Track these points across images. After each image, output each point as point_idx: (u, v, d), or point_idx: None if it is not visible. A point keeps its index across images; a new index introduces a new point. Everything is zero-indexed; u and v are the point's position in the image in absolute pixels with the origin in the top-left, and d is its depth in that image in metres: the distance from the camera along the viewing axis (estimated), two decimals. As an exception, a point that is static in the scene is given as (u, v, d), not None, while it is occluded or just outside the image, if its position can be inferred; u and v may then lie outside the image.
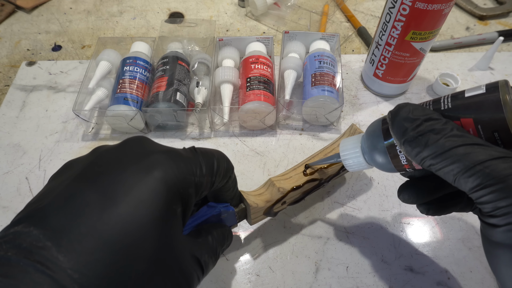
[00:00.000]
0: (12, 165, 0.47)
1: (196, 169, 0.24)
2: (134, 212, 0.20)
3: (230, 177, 0.29)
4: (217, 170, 0.26)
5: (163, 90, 0.47)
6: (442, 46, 0.61)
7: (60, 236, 0.18)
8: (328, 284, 0.37)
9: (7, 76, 0.58)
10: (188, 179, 0.23)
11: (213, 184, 0.27)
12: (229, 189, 0.31)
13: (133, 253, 0.19)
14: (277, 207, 0.37)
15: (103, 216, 0.19)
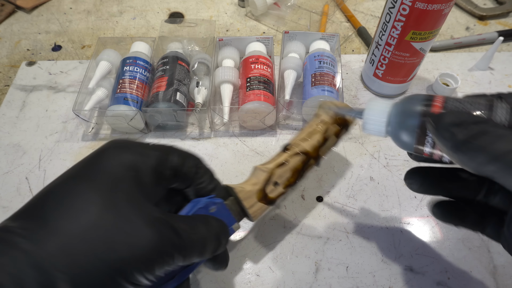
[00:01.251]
0: (12, 165, 0.47)
1: (145, 145, 0.27)
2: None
3: (198, 167, 0.29)
4: (175, 151, 0.28)
5: (163, 90, 0.47)
6: (442, 46, 0.61)
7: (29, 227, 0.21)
8: (328, 284, 0.37)
9: (7, 76, 0.58)
10: (135, 150, 0.26)
11: (171, 163, 0.27)
12: (204, 180, 0.30)
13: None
14: (271, 190, 0.34)
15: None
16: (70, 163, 0.47)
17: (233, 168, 0.46)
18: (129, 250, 0.21)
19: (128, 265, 0.21)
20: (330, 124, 0.37)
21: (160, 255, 0.22)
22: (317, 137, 0.36)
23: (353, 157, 0.47)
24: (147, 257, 0.22)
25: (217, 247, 0.28)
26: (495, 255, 0.39)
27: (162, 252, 0.22)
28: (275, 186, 0.34)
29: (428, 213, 0.42)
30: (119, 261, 0.21)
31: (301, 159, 0.35)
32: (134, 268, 0.21)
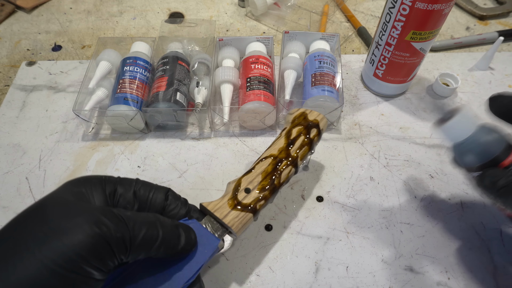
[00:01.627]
0: (12, 165, 0.47)
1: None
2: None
3: (166, 193, 0.31)
4: (137, 182, 0.30)
5: (163, 90, 0.47)
6: (442, 46, 0.61)
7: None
8: (328, 284, 0.37)
9: (7, 76, 0.58)
10: (90, 176, 0.28)
11: (133, 188, 0.29)
12: (174, 206, 0.31)
13: None
14: (244, 197, 0.34)
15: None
16: (70, 163, 0.47)
17: (233, 168, 0.46)
18: (61, 239, 0.21)
19: (65, 255, 0.21)
20: (291, 126, 0.39)
21: (101, 240, 0.22)
22: (282, 140, 0.38)
23: (353, 157, 0.47)
24: (85, 245, 0.22)
25: (171, 237, 0.27)
26: (495, 255, 0.39)
27: (102, 236, 0.22)
28: (247, 192, 0.34)
29: (428, 213, 0.42)
30: (51, 251, 0.21)
31: (268, 162, 0.36)
32: (75, 258, 0.21)
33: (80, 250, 0.21)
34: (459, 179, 0.45)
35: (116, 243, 0.23)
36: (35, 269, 0.20)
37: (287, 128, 0.39)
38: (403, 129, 0.50)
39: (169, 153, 0.48)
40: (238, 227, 0.32)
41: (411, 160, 0.47)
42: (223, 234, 0.32)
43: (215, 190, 0.44)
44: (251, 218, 0.33)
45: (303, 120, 0.39)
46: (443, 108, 0.33)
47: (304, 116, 0.39)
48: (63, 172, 0.46)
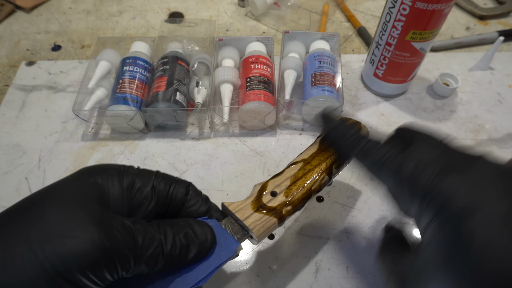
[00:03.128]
0: (11, 165, 0.47)
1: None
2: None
3: (187, 188, 0.29)
4: (157, 175, 0.28)
5: (163, 90, 0.47)
6: (442, 46, 0.61)
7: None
8: (328, 284, 0.37)
9: (7, 76, 0.58)
10: (107, 164, 0.27)
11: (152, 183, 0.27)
12: (194, 203, 0.29)
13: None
14: (269, 200, 0.31)
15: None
16: (69, 163, 0.47)
17: (233, 168, 0.46)
18: (67, 246, 0.20)
19: (65, 262, 0.20)
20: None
21: (106, 255, 0.21)
22: (316, 146, 0.35)
23: (353, 157, 0.47)
24: (89, 255, 0.20)
25: (182, 248, 0.25)
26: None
27: (109, 252, 0.21)
28: (273, 196, 0.32)
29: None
30: (55, 256, 0.20)
31: (298, 167, 0.34)
32: (74, 267, 0.20)
33: (84, 261, 0.20)
34: (459, 179, 0.45)
35: (121, 260, 0.22)
36: (33, 271, 0.19)
37: (323, 135, 0.37)
38: (403, 129, 0.50)
39: (168, 153, 0.48)
40: (260, 231, 0.30)
41: (411, 160, 0.47)
42: (243, 238, 0.30)
43: (215, 190, 0.44)
44: (275, 223, 0.31)
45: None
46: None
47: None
48: (63, 172, 0.46)
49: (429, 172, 0.23)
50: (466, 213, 0.20)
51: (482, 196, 0.21)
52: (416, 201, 0.23)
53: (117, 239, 0.21)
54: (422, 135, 0.27)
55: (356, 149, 0.28)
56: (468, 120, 0.51)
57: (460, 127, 0.51)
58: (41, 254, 0.19)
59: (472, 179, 0.22)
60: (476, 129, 0.50)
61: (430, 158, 0.24)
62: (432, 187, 0.22)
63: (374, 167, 0.27)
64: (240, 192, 0.44)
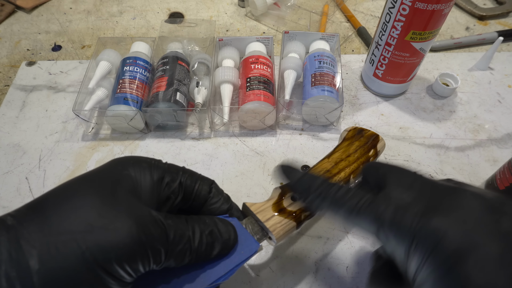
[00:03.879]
0: (12, 165, 0.47)
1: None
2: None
3: (211, 186, 0.30)
4: (183, 170, 0.29)
5: (163, 90, 0.47)
6: (442, 46, 0.61)
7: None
8: (328, 284, 0.37)
9: (7, 76, 0.58)
10: (139, 157, 0.27)
11: (179, 178, 0.28)
12: (217, 200, 0.30)
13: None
14: (289, 204, 0.32)
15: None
16: (70, 163, 0.47)
17: (233, 168, 0.46)
18: (107, 238, 0.21)
19: (105, 253, 0.21)
20: (348, 142, 0.37)
21: (142, 249, 0.22)
22: (336, 155, 0.36)
23: (353, 157, 0.47)
24: (127, 248, 0.21)
25: (211, 246, 0.26)
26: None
27: (145, 246, 0.22)
28: (293, 200, 0.33)
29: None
30: (96, 247, 0.20)
31: (319, 174, 0.34)
32: (113, 258, 0.21)
33: (122, 253, 0.21)
34: (458, 179, 0.45)
35: (154, 254, 0.22)
36: (75, 259, 0.20)
37: (342, 143, 0.38)
38: (403, 129, 0.50)
39: (169, 153, 0.48)
40: (280, 234, 0.31)
41: (411, 160, 0.47)
42: (262, 239, 0.31)
43: (215, 190, 0.44)
44: (294, 227, 0.31)
45: (360, 138, 0.38)
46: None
47: (361, 134, 0.38)
48: (63, 172, 0.46)
49: (412, 215, 0.22)
50: (459, 256, 0.20)
51: (472, 236, 0.20)
52: (403, 245, 0.22)
53: (152, 234, 0.22)
54: (392, 175, 0.25)
55: (327, 200, 0.26)
56: (467, 120, 0.51)
57: (460, 127, 0.51)
58: (83, 244, 0.20)
59: (459, 219, 0.21)
60: (476, 129, 0.50)
61: (409, 200, 0.23)
62: (417, 231, 0.21)
63: (350, 217, 0.25)
64: (240, 192, 0.44)
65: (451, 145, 0.49)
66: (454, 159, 0.47)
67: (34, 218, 0.21)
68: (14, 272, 0.19)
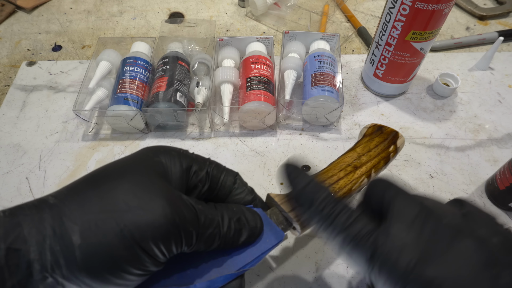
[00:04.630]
0: (12, 165, 0.47)
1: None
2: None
3: (235, 177, 0.30)
4: (209, 161, 0.30)
5: (163, 90, 0.47)
6: (442, 46, 0.61)
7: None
8: (328, 284, 0.37)
9: (7, 76, 0.58)
10: (170, 147, 0.28)
11: (206, 168, 0.29)
12: (241, 191, 0.30)
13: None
14: None
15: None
16: (70, 163, 0.47)
17: (233, 168, 0.46)
18: (144, 217, 0.22)
19: (142, 231, 0.21)
20: (369, 138, 0.37)
21: (176, 229, 0.23)
22: (358, 149, 0.36)
23: (353, 157, 0.47)
24: (162, 228, 0.22)
25: (240, 232, 0.27)
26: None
27: (178, 227, 0.23)
28: None
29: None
30: (133, 225, 0.21)
31: (341, 167, 0.34)
32: (149, 237, 0.22)
33: (157, 232, 0.22)
34: (459, 179, 0.45)
35: (186, 236, 0.23)
36: (114, 236, 0.21)
37: (363, 139, 0.38)
38: (403, 129, 0.50)
39: (169, 153, 0.48)
40: (304, 226, 0.31)
41: (411, 160, 0.47)
42: (286, 229, 0.31)
43: (215, 190, 0.44)
44: None
45: (380, 134, 0.38)
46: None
47: (381, 131, 0.38)
48: (63, 172, 0.46)
49: (406, 261, 0.21)
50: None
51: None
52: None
53: (185, 216, 0.23)
54: (396, 205, 0.24)
55: (327, 221, 0.25)
56: (468, 120, 0.51)
57: (460, 127, 0.51)
58: (121, 222, 0.21)
59: (455, 272, 0.20)
60: (476, 129, 0.50)
61: (406, 241, 0.22)
62: (410, 280, 0.20)
63: (346, 247, 0.24)
64: (240, 192, 0.44)
65: (451, 145, 0.49)
66: (454, 159, 0.47)
67: (74, 197, 0.22)
68: (57, 246, 0.20)
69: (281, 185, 0.31)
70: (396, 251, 0.21)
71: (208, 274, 0.27)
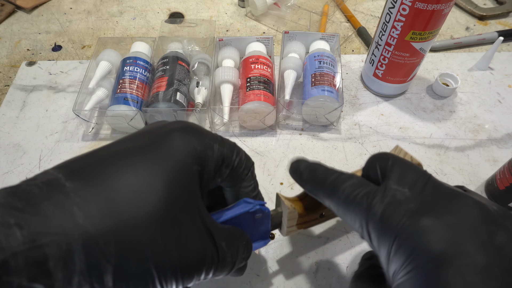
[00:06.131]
0: (12, 165, 0.47)
1: (215, 137, 0.25)
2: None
3: (250, 170, 0.28)
4: (237, 150, 0.27)
5: (163, 90, 0.47)
6: (442, 46, 0.61)
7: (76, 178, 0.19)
8: (328, 284, 0.37)
9: (7, 76, 0.58)
10: (206, 142, 0.24)
11: (232, 163, 0.26)
12: (250, 184, 0.29)
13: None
14: (313, 218, 0.33)
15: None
16: (70, 163, 0.47)
17: (233, 168, 0.46)
18: (178, 256, 0.20)
19: (172, 269, 0.20)
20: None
21: (200, 269, 0.22)
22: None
23: (353, 157, 0.47)
24: (188, 268, 0.21)
25: (243, 268, 0.28)
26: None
27: (203, 266, 0.22)
28: (321, 217, 0.33)
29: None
30: (167, 264, 0.20)
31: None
32: (177, 274, 0.20)
33: (185, 274, 0.21)
34: (458, 179, 0.45)
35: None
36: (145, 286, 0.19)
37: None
38: (403, 129, 0.50)
39: (169, 153, 0.48)
40: (289, 234, 0.33)
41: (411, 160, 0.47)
42: (275, 229, 0.33)
43: (215, 190, 0.44)
44: (305, 228, 0.33)
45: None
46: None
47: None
48: (63, 172, 0.46)
49: (401, 212, 0.21)
50: (441, 261, 0.19)
51: (461, 243, 0.19)
52: (386, 243, 0.21)
53: (212, 256, 0.23)
54: (399, 168, 0.24)
55: (326, 183, 0.25)
56: (467, 120, 0.51)
57: (460, 127, 0.51)
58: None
59: (450, 223, 0.20)
60: (476, 129, 0.50)
61: (406, 196, 0.22)
62: (404, 229, 0.20)
63: (342, 205, 0.24)
64: (240, 192, 0.44)
65: (451, 145, 0.49)
66: (454, 159, 0.47)
67: (110, 224, 0.19)
68: (87, 286, 0.18)
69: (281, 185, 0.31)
70: (395, 202, 0.22)
71: None
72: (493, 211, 0.21)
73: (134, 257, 0.19)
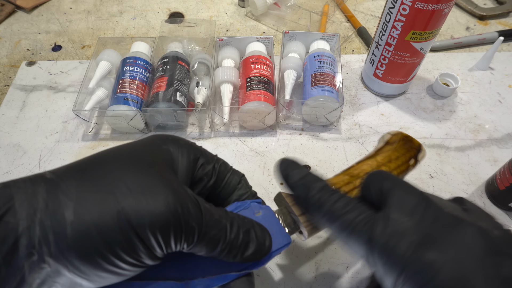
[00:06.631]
0: (12, 165, 0.47)
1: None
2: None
3: (241, 178, 0.30)
4: (217, 157, 0.29)
5: (163, 90, 0.47)
6: (442, 46, 0.61)
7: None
8: (328, 284, 0.37)
9: (7, 76, 0.58)
10: (180, 138, 0.27)
11: (214, 162, 0.28)
12: (245, 193, 0.29)
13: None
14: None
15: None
16: (70, 163, 0.47)
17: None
18: (144, 202, 0.21)
19: (140, 217, 0.20)
20: (393, 147, 0.35)
21: (177, 221, 0.21)
22: (378, 158, 0.34)
23: (353, 157, 0.47)
24: (162, 216, 0.21)
25: (247, 246, 0.25)
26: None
27: (180, 218, 0.21)
28: None
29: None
30: (131, 208, 0.20)
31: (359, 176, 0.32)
32: (147, 223, 0.20)
33: (156, 221, 0.21)
34: (459, 179, 0.45)
35: (187, 232, 0.22)
36: (110, 218, 0.20)
37: (384, 147, 0.36)
38: (403, 129, 0.50)
39: (169, 153, 0.48)
40: (312, 230, 0.29)
41: (411, 160, 0.47)
42: (293, 231, 0.30)
43: (215, 190, 0.44)
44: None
45: (404, 145, 0.36)
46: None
47: (405, 141, 0.36)
48: (63, 172, 0.46)
49: (406, 244, 0.21)
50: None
51: (469, 278, 0.19)
52: (391, 275, 0.21)
53: (189, 209, 0.22)
54: (396, 193, 0.23)
55: (322, 210, 0.24)
56: (468, 120, 0.51)
57: (460, 127, 0.51)
58: (119, 204, 0.20)
59: (455, 257, 0.20)
60: (476, 129, 0.50)
61: (407, 226, 0.21)
62: (410, 262, 0.20)
63: (343, 234, 0.24)
64: (240, 192, 0.44)
65: (451, 145, 0.49)
66: (454, 159, 0.47)
67: (74, 175, 0.22)
68: (48, 221, 0.19)
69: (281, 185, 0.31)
70: (397, 234, 0.21)
71: (207, 272, 0.26)
72: (497, 240, 0.21)
73: (98, 199, 0.21)
